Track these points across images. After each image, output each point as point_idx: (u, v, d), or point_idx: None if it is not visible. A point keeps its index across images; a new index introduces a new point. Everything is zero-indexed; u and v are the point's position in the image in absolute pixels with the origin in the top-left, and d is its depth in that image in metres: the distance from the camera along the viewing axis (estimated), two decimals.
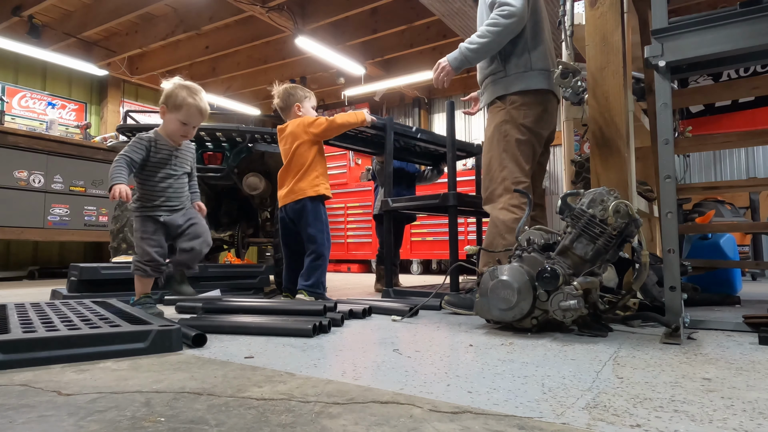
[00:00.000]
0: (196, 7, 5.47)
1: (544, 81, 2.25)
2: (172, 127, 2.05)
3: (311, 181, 2.62)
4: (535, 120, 2.23)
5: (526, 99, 2.23)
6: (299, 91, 2.77)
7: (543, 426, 0.81)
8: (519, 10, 2.16)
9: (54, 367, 1.24)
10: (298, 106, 2.74)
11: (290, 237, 2.71)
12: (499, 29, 2.17)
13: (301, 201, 2.61)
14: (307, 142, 2.64)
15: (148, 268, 2.02)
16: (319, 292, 2.56)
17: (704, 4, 4.98)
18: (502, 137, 2.24)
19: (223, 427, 0.80)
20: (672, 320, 1.55)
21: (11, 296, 3.23)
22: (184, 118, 2.04)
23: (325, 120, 2.64)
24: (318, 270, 2.57)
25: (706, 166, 5.77)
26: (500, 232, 2.14)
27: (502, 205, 2.19)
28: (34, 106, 6.18)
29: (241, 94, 7.94)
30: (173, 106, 2.03)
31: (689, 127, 5.17)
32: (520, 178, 2.20)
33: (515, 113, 2.23)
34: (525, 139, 2.22)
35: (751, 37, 1.49)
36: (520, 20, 2.17)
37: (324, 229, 2.62)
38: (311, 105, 2.79)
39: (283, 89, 2.79)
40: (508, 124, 2.24)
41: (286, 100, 2.75)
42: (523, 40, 2.26)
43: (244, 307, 2.10)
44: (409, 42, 5.98)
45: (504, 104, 2.26)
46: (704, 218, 3.93)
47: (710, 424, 0.82)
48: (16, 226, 4.71)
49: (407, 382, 1.08)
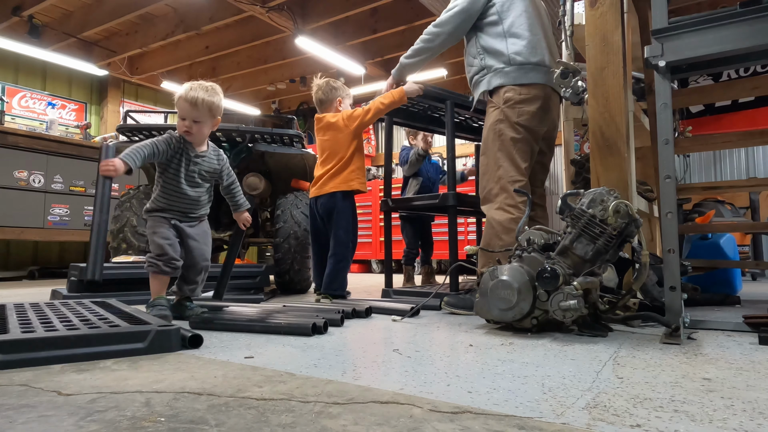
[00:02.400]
0: (196, 7, 5.48)
1: (527, 75, 2.24)
2: (177, 126, 2.00)
3: (346, 176, 2.67)
4: (530, 117, 2.22)
5: (520, 96, 2.22)
6: (341, 89, 2.84)
7: (543, 426, 0.81)
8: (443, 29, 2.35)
9: (54, 367, 1.24)
10: (340, 101, 2.80)
11: (319, 231, 2.78)
12: (430, 37, 2.41)
13: (334, 196, 2.66)
14: (347, 135, 2.67)
15: (161, 263, 1.92)
16: (340, 294, 2.66)
17: (704, 4, 4.98)
18: (497, 136, 2.25)
19: (223, 427, 0.80)
20: (672, 320, 1.55)
21: (11, 296, 3.23)
22: (179, 113, 1.98)
23: (361, 110, 2.66)
24: (341, 273, 2.66)
25: (706, 166, 5.76)
26: (497, 232, 2.14)
27: (498, 204, 2.18)
28: (34, 106, 6.18)
29: (241, 94, 7.94)
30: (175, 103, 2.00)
31: (689, 127, 5.17)
32: (516, 176, 2.19)
33: (509, 112, 2.23)
34: (520, 138, 2.22)
35: (751, 37, 1.49)
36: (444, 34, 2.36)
37: (351, 230, 2.70)
38: (349, 103, 2.87)
39: (325, 82, 2.84)
40: (502, 123, 2.24)
41: (328, 93, 2.80)
42: (500, 36, 2.28)
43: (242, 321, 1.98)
44: (409, 42, 5.91)
45: (498, 103, 2.26)
46: (704, 218, 3.92)
47: (710, 424, 0.82)
48: (16, 226, 4.71)
49: (407, 382, 1.08)
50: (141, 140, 3.35)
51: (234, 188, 2.17)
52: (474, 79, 2.40)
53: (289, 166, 3.53)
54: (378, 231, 6.77)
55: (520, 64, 2.23)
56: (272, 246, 3.43)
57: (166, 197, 2.00)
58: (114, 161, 1.77)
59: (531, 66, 2.24)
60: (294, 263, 3.30)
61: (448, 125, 2.67)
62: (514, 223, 2.10)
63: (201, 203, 2.08)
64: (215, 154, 2.10)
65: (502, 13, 2.29)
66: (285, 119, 3.83)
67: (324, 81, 2.84)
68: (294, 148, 3.45)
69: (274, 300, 3.02)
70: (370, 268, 7.05)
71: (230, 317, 1.90)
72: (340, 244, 2.65)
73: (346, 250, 2.67)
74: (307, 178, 3.69)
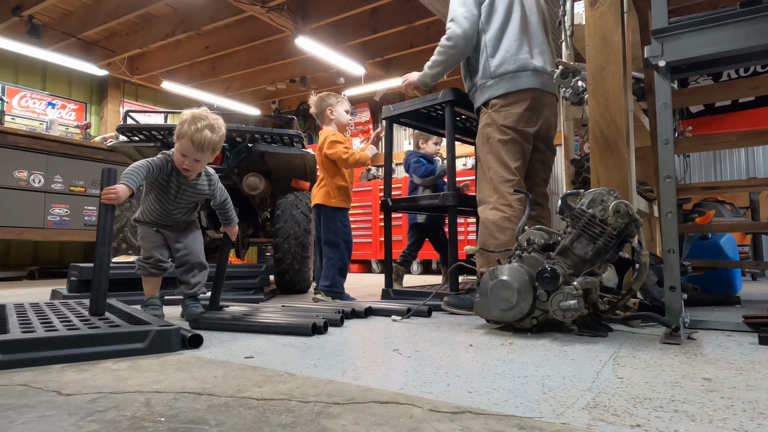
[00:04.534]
0: (196, 7, 5.47)
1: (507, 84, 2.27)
2: (175, 157, 1.92)
3: (327, 192, 2.89)
4: (517, 119, 2.26)
5: (505, 101, 2.28)
6: (331, 97, 2.97)
7: (543, 426, 0.81)
8: (459, 34, 2.31)
9: (54, 367, 1.24)
10: (330, 110, 2.94)
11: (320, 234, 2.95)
12: (442, 49, 2.40)
13: (319, 207, 2.92)
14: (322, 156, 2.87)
15: (148, 265, 2.02)
16: (337, 291, 2.81)
17: (704, 4, 4.98)
18: (485, 140, 2.31)
19: (223, 427, 0.80)
20: (672, 320, 1.55)
21: (11, 296, 3.23)
22: (179, 149, 1.89)
23: (343, 153, 2.81)
24: (333, 270, 2.82)
25: (706, 166, 5.76)
26: (491, 231, 2.17)
27: (492, 205, 2.22)
28: (34, 106, 6.18)
29: (241, 94, 7.94)
30: (176, 136, 1.90)
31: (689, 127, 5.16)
32: (507, 176, 2.22)
33: (495, 116, 2.29)
34: (508, 139, 2.26)
35: (751, 37, 1.49)
36: (461, 43, 2.33)
37: (339, 233, 2.87)
38: (344, 108, 2.98)
39: (318, 97, 3.00)
40: (489, 127, 2.30)
41: (319, 105, 2.96)
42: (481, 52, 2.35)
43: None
44: (409, 42, 5.97)
45: (487, 109, 2.34)
46: (704, 218, 3.92)
47: (710, 424, 0.82)
48: (16, 226, 4.71)
49: (407, 382, 1.08)
50: (141, 140, 3.37)
51: (226, 205, 2.11)
52: (470, 97, 2.51)
53: (289, 166, 3.53)
54: (378, 231, 6.77)
55: (501, 75, 2.29)
56: (272, 246, 3.43)
57: (152, 215, 2.02)
58: (116, 188, 1.71)
59: (511, 74, 2.28)
60: (294, 263, 3.30)
61: (448, 126, 2.67)
62: (508, 221, 2.12)
63: (187, 218, 2.10)
64: (207, 179, 2.05)
65: (484, 25, 2.35)
66: (285, 119, 3.82)
67: (317, 96, 3.00)
68: (294, 148, 3.45)
69: (274, 300, 3.02)
70: (370, 268, 7.05)
71: (230, 317, 1.90)
72: (328, 245, 2.86)
73: (336, 250, 2.84)
74: (307, 178, 3.69)
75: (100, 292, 1.67)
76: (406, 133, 7.86)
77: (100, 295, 1.67)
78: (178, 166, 1.92)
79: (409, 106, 2.90)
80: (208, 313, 1.98)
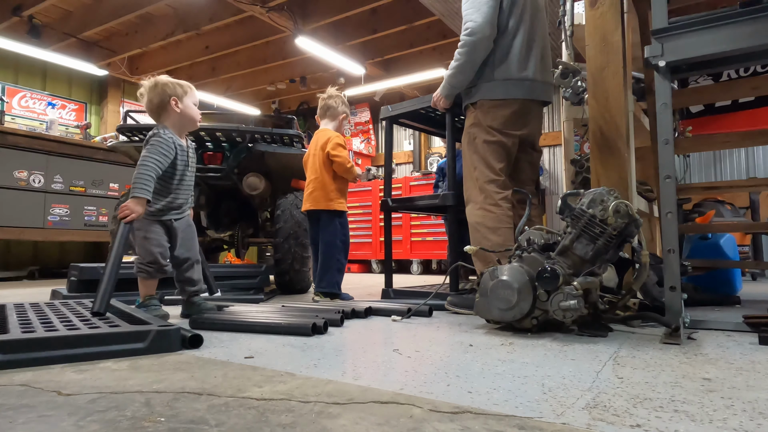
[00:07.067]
0: (196, 7, 5.47)
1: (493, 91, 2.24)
2: (191, 112, 2.08)
3: (327, 195, 2.89)
4: (504, 122, 2.24)
5: (493, 103, 2.25)
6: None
7: (543, 426, 0.81)
8: (480, 25, 2.18)
9: (54, 367, 1.24)
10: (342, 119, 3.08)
11: (316, 236, 2.97)
12: (466, 48, 2.23)
13: (317, 211, 2.91)
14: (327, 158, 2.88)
15: (152, 269, 2.00)
16: (335, 292, 2.84)
17: (704, 4, 4.98)
18: (471, 140, 2.30)
19: (223, 427, 0.80)
20: (672, 320, 1.55)
21: (11, 296, 3.23)
22: (195, 98, 2.10)
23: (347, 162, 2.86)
24: (329, 272, 2.85)
25: (706, 166, 5.76)
26: (483, 234, 2.16)
27: (479, 205, 2.21)
28: (34, 106, 6.18)
29: (241, 94, 7.93)
30: (183, 93, 2.06)
31: (689, 127, 5.17)
32: (492, 176, 2.22)
33: (482, 116, 2.27)
34: (494, 140, 2.24)
35: (751, 37, 1.49)
36: (484, 34, 2.19)
37: (337, 234, 2.88)
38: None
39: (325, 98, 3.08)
40: (475, 128, 2.29)
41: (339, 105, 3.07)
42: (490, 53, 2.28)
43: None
44: (409, 42, 5.97)
45: (474, 108, 2.32)
46: (704, 218, 3.92)
47: (710, 424, 0.82)
48: (16, 226, 4.70)
49: (407, 382, 1.08)
50: (141, 140, 3.37)
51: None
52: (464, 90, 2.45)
53: (289, 166, 3.53)
54: (378, 231, 6.77)
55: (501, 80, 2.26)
56: (272, 246, 3.43)
57: (165, 197, 2.03)
58: (128, 205, 1.83)
59: (513, 82, 2.24)
60: (294, 263, 3.30)
61: (448, 127, 2.67)
62: (498, 221, 2.12)
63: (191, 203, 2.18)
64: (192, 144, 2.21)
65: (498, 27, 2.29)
66: (285, 119, 3.82)
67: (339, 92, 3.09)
68: (294, 148, 3.45)
69: (274, 300, 3.02)
70: (370, 268, 7.05)
71: (230, 317, 1.90)
72: (325, 246, 2.87)
73: (333, 250, 2.86)
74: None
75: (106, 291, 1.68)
76: (406, 133, 7.86)
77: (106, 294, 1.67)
78: (196, 117, 2.11)
79: (407, 107, 2.90)
80: (208, 314, 1.98)
